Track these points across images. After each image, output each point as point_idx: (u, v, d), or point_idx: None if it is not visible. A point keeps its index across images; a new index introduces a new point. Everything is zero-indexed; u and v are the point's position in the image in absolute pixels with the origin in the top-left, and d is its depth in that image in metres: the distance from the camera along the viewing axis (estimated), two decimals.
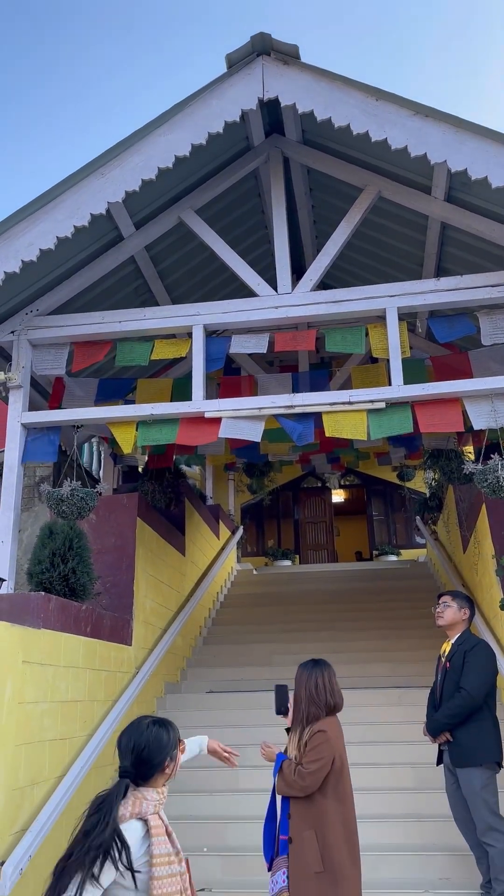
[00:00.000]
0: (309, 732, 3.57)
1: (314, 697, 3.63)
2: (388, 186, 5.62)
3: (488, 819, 4.14)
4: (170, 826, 2.42)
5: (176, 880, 2.31)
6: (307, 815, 3.48)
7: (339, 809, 3.51)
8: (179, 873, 2.34)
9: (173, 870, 2.31)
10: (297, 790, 3.49)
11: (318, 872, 3.37)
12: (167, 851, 2.32)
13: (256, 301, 5.47)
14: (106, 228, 5.58)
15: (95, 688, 5.41)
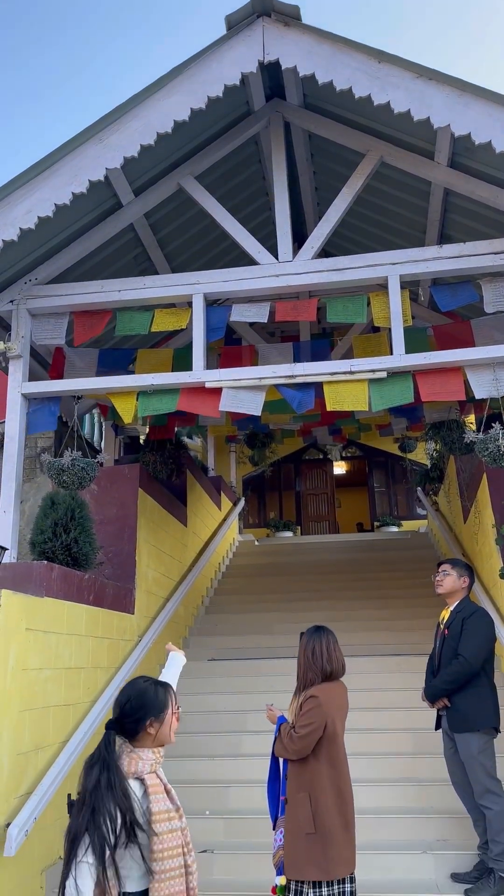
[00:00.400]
0: (303, 697, 3.62)
1: (311, 663, 3.68)
2: (390, 152, 5.54)
3: (485, 782, 4.20)
4: (168, 784, 2.48)
5: (176, 835, 2.37)
6: (301, 778, 3.54)
7: (332, 774, 3.55)
8: (180, 829, 2.40)
9: (173, 825, 2.38)
10: (290, 753, 3.55)
11: (309, 834, 3.43)
12: (166, 808, 2.39)
13: (257, 269, 5.42)
14: (105, 195, 5.51)
15: (98, 655, 5.46)
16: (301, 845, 3.44)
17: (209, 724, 6.02)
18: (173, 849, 2.35)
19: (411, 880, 4.32)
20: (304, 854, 3.43)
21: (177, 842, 2.37)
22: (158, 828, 2.33)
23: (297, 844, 3.45)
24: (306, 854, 3.43)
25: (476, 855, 4.37)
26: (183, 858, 2.38)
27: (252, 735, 5.71)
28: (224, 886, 4.32)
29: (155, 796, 2.38)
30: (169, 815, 2.39)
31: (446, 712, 4.43)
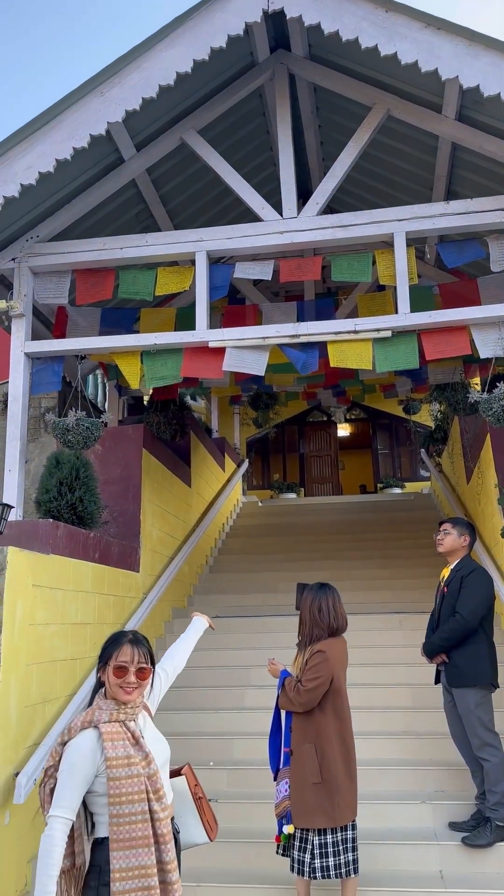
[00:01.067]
0: (309, 652, 3.70)
1: (317, 619, 3.76)
2: (397, 104, 5.42)
3: (483, 735, 4.29)
4: (142, 732, 2.56)
5: (138, 781, 2.41)
6: (307, 730, 3.65)
7: (337, 725, 3.67)
8: (146, 775, 2.43)
9: (133, 771, 2.41)
10: (296, 706, 3.64)
11: (316, 784, 3.56)
12: (123, 754, 2.42)
13: (261, 226, 5.36)
14: (106, 150, 5.42)
15: (104, 611, 5.55)
16: (308, 795, 3.57)
17: (214, 679, 6.13)
18: (133, 794, 2.38)
19: (410, 829, 4.44)
20: (312, 803, 3.55)
21: (138, 787, 2.39)
22: (114, 773, 2.37)
23: (305, 794, 3.57)
24: (314, 803, 3.55)
25: (473, 805, 4.49)
26: (147, 804, 2.40)
27: (255, 689, 5.82)
28: (228, 834, 4.44)
29: (111, 743, 2.42)
30: (129, 762, 2.41)
31: (445, 668, 4.50)
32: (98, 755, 2.40)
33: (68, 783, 2.36)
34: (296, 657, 3.87)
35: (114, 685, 2.54)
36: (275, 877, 4.06)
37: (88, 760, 2.39)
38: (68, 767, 2.38)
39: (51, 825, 2.31)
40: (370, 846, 4.16)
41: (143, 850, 2.35)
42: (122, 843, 2.34)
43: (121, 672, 2.54)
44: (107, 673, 2.57)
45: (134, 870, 2.33)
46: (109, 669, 2.56)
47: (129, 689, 2.54)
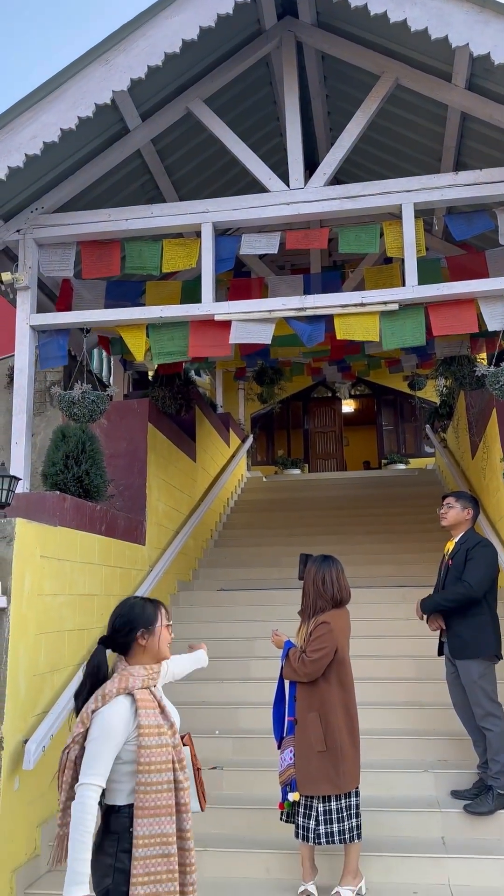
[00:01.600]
0: (313, 623, 3.74)
1: (321, 591, 3.81)
2: (406, 73, 5.34)
3: (486, 706, 4.34)
4: (164, 701, 2.54)
5: (166, 751, 2.42)
6: (311, 699, 3.71)
7: (341, 695, 3.74)
8: (172, 745, 2.45)
9: (163, 741, 2.42)
10: (301, 676, 3.69)
11: (321, 752, 3.63)
12: (156, 723, 2.43)
13: (268, 197, 5.31)
14: (111, 120, 5.36)
15: (111, 583, 5.59)
16: (313, 763, 3.63)
17: (219, 650, 6.20)
18: (161, 763, 2.40)
19: (413, 797, 4.51)
20: (317, 771, 3.62)
21: (166, 757, 2.41)
22: (146, 741, 2.38)
23: (310, 762, 3.64)
24: (319, 771, 3.62)
25: (475, 774, 4.55)
26: (173, 774, 2.42)
27: (260, 660, 5.88)
28: (232, 801, 4.52)
29: (144, 711, 2.42)
30: (159, 731, 2.43)
31: (448, 640, 4.53)
32: (132, 722, 2.40)
33: (103, 750, 2.34)
34: (299, 628, 3.92)
35: (164, 644, 2.58)
36: (279, 842, 4.14)
37: (123, 727, 2.38)
38: (104, 734, 2.35)
39: (84, 793, 2.30)
40: (373, 813, 4.23)
41: (165, 819, 2.38)
42: (147, 811, 2.36)
43: (169, 629, 2.62)
44: (154, 633, 2.55)
45: (156, 837, 2.36)
46: (158, 629, 2.56)
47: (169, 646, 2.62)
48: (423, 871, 3.94)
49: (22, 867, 3.96)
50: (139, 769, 2.36)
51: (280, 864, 4.05)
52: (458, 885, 3.87)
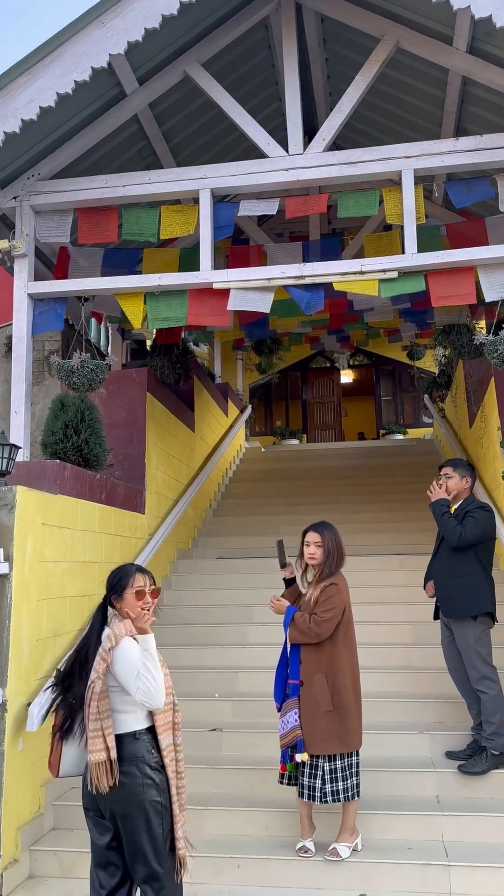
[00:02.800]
0: (321, 586, 3.87)
1: (333, 555, 3.93)
2: (406, 36, 5.26)
3: (482, 669, 4.42)
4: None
5: (167, 679, 2.92)
6: (319, 660, 3.82)
7: (348, 655, 3.88)
8: (169, 676, 2.95)
9: (165, 671, 2.91)
10: (311, 637, 3.80)
11: (329, 711, 3.75)
12: (160, 658, 2.90)
13: (266, 163, 5.26)
14: (108, 84, 5.28)
15: (111, 551, 5.65)
16: (322, 722, 3.75)
17: (218, 616, 6.29)
18: (166, 688, 2.87)
19: (409, 757, 4.62)
20: (326, 730, 3.75)
21: (168, 683, 2.91)
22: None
23: (318, 722, 3.76)
24: (328, 730, 3.75)
25: (469, 735, 4.65)
26: (172, 698, 2.96)
27: (258, 626, 5.97)
28: (232, 761, 4.63)
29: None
30: (162, 664, 2.90)
31: (442, 602, 4.60)
32: (139, 655, 2.84)
33: (130, 673, 2.80)
34: (308, 592, 3.97)
35: (136, 608, 2.92)
36: (278, 801, 4.24)
37: (138, 657, 2.83)
38: (127, 663, 2.82)
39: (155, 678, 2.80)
40: (371, 773, 4.33)
41: (167, 733, 2.91)
42: (163, 727, 2.88)
43: (140, 595, 2.96)
44: (124, 599, 2.95)
45: (168, 747, 2.89)
46: (129, 595, 2.95)
47: (147, 607, 2.94)
48: (417, 828, 4.05)
49: (27, 825, 4.06)
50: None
51: (279, 821, 4.16)
52: (452, 841, 3.98)
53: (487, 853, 3.82)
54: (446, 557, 4.56)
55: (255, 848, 3.97)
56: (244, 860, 3.87)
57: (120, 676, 2.82)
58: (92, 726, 2.79)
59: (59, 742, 3.00)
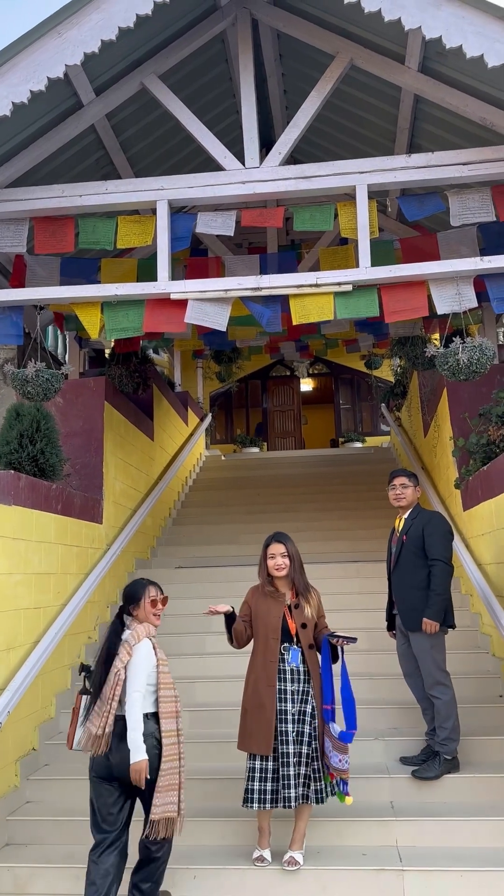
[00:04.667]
0: (317, 596, 4.12)
1: (301, 566, 4.12)
2: (360, 54, 5.36)
3: (436, 675, 4.51)
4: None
5: (170, 676, 3.65)
6: (314, 664, 4.04)
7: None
8: (171, 674, 3.66)
9: (167, 669, 3.65)
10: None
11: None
12: (163, 657, 3.66)
13: (223, 175, 5.30)
14: (64, 94, 5.28)
15: (68, 562, 5.61)
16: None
17: (176, 626, 6.28)
18: (170, 683, 3.61)
19: (364, 763, 4.67)
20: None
21: (170, 679, 3.63)
22: (162, 668, 3.59)
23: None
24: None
25: (423, 740, 4.73)
26: (173, 691, 3.63)
27: (216, 636, 5.97)
28: (189, 772, 4.56)
29: (158, 650, 3.62)
30: (166, 662, 3.65)
31: (402, 612, 4.66)
32: (154, 656, 3.56)
33: (140, 672, 3.48)
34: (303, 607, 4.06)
35: (149, 614, 3.68)
36: (233, 811, 4.25)
37: (152, 657, 3.54)
38: (143, 661, 3.52)
39: (134, 699, 3.43)
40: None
41: (172, 720, 3.56)
42: (166, 714, 3.53)
43: (154, 604, 3.70)
44: (142, 607, 3.67)
45: (171, 731, 3.53)
46: (146, 604, 3.67)
47: (159, 614, 3.73)
48: (372, 834, 4.10)
49: None
50: (161, 687, 3.55)
51: (234, 831, 4.18)
52: (405, 846, 4.04)
53: (440, 857, 3.89)
54: (408, 569, 4.63)
55: (210, 858, 3.98)
56: (200, 871, 3.87)
57: (131, 668, 3.48)
58: (106, 707, 3.47)
59: (76, 721, 3.66)
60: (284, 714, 3.85)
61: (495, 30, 4.53)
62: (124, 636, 3.60)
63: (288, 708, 3.86)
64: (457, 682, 4.72)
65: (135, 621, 3.66)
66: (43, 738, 5.00)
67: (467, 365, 4.96)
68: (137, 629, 3.59)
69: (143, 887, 3.53)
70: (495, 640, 5.61)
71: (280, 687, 3.89)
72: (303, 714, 3.88)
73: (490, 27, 4.53)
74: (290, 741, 3.81)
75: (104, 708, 3.47)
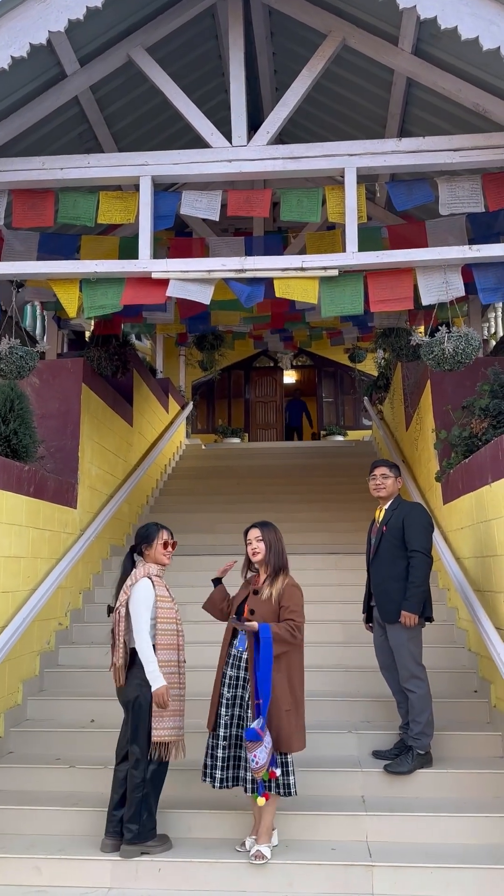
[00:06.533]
0: (284, 586, 3.91)
1: (279, 553, 4.01)
2: (353, 33, 5.24)
3: (412, 668, 4.43)
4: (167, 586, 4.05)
5: (172, 611, 3.95)
6: (279, 662, 3.80)
7: (300, 656, 3.92)
8: (175, 609, 3.98)
9: (170, 605, 3.94)
10: (294, 643, 3.85)
11: (288, 710, 3.77)
12: (166, 594, 3.95)
13: (209, 153, 5.16)
14: (47, 63, 5.10)
15: (39, 546, 5.47)
16: (284, 720, 3.75)
17: None
18: (169, 618, 3.89)
19: (336, 756, 4.60)
20: (290, 728, 3.77)
21: (172, 614, 3.93)
22: (161, 604, 3.88)
23: (281, 721, 3.74)
24: (292, 727, 3.77)
25: (397, 734, 4.66)
26: (175, 625, 3.92)
27: (190, 625, 5.84)
28: None
29: (159, 588, 3.92)
30: (168, 599, 3.93)
31: (380, 604, 4.58)
32: (153, 593, 3.87)
33: (141, 609, 3.82)
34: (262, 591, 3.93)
35: (160, 555, 4.05)
36: (200, 802, 4.18)
37: (149, 595, 3.85)
38: (139, 600, 3.84)
39: (141, 635, 3.80)
40: (298, 773, 4.27)
41: (172, 651, 3.88)
42: (163, 646, 3.83)
43: (166, 545, 4.08)
44: (154, 548, 4.04)
45: (168, 662, 3.83)
46: (158, 544, 4.05)
47: (169, 555, 4.10)
48: (341, 828, 4.02)
49: None
50: (158, 621, 3.84)
51: (201, 823, 4.09)
52: (375, 841, 3.97)
53: (410, 853, 3.81)
54: (387, 560, 4.54)
55: (176, 851, 3.87)
56: (165, 864, 3.77)
57: (131, 606, 3.84)
58: (117, 640, 3.89)
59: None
60: (222, 698, 3.89)
61: (491, 12, 4.43)
62: (131, 575, 3.97)
63: (224, 692, 3.89)
64: (432, 677, 4.66)
65: (141, 561, 4.02)
66: (9, 725, 4.88)
67: (452, 355, 4.88)
68: (137, 570, 3.94)
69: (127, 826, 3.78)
70: (471, 635, 5.55)
71: (225, 671, 3.92)
72: (240, 699, 3.86)
73: (486, 9, 4.43)
74: (222, 724, 3.85)
75: (115, 642, 3.90)
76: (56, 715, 5.18)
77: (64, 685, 5.55)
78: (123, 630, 3.88)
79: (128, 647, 3.89)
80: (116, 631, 3.90)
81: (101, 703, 5.15)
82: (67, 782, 4.47)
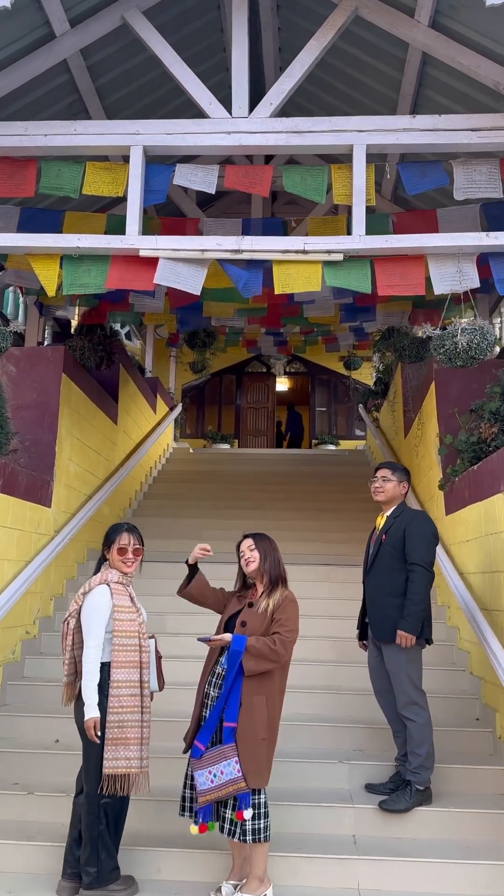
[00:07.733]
0: (282, 598, 3.50)
1: (276, 567, 3.64)
2: (366, 3, 4.87)
3: (411, 693, 3.99)
4: (133, 594, 3.53)
5: (133, 624, 3.42)
6: (262, 685, 3.36)
7: (283, 679, 3.48)
8: (137, 621, 3.45)
9: (131, 617, 3.43)
10: (274, 662, 3.36)
11: (263, 739, 3.31)
12: (126, 604, 3.43)
13: (207, 123, 4.76)
14: (35, 21, 4.71)
15: (6, 546, 5.01)
16: (260, 751, 3.29)
17: None
18: (130, 631, 3.39)
19: (325, 789, 4.15)
20: (264, 760, 3.31)
21: (133, 627, 3.41)
22: (119, 615, 3.38)
23: (257, 751, 3.28)
24: (265, 760, 3.31)
25: (392, 766, 4.21)
26: (138, 640, 3.42)
27: (170, 636, 5.42)
28: None
29: (118, 595, 3.42)
30: (129, 609, 3.43)
31: (374, 621, 4.15)
32: (109, 602, 3.37)
33: (93, 621, 3.34)
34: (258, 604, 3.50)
35: (116, 561, 3.52)
36: (171, 840, 3.70)
37: (103, 604, 3.36)
38: (91, 610, 3.36)
39: (87, 650, 3.31)
40: (280, 807, 3.82)
41: (132, 670, 3.37)
42: (121, 663, 3.35)
43: (122, 552, 3.53)
44: (111, 552, 3.53)
45: (127, 682, 3.35)
46: (114, 549, 3.52)
47: (129, 563, 3.55)
48: (331, 873, 3.57)
49: None
50: (115, 634, 3.35)
51: (172, 864, 3.62)
52: (368, 889, 3.52)
53: None
54: (384, 572, 4.10)
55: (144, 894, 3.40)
56: None
57: (82, 616, 3.39)
58: (65, 656, 3.46)
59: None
60: (203, 720, 3.41)
61: None
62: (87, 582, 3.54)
63: (205, 714, 3.41)
64: (431, 703, 4.21)
65: (104, 565, 3.58)
66: None
67: (466, 349, 4.47)
68: (94, 577, 3.50)
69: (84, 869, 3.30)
70: (474, 657, 5.11)
71: (207, 691, 3.44)
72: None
73: None
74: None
75: (66, 657, 3.47)
76: (18, 734, 4.69)
77: (29, 700, 5.07)
78: (71, 644, 3.43)
79: (78, 664, 3.40)
80: (63, 645, 3.46)
81: (68, 722, 4.62)
82: (24, 811, 3.99)
